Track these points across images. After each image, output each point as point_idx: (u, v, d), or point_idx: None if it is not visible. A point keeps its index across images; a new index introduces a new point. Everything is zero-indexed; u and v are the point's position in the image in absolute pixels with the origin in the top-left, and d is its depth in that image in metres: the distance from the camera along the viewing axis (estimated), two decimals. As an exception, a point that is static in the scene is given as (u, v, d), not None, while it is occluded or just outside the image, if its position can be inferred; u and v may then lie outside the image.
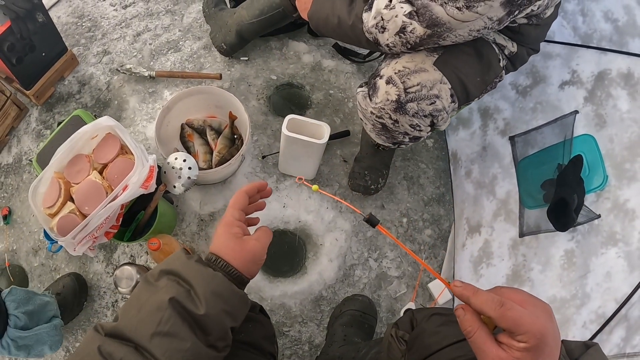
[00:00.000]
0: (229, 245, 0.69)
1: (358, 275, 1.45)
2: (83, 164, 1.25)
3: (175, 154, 1.27)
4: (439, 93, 1.06)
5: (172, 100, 1.43)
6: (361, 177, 1.47)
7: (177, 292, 0.62)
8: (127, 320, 0.61)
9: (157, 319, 0.59)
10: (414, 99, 1.06)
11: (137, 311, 0.61)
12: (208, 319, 0.61)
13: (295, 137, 1.30)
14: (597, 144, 1.17)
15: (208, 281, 0.64)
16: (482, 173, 1.47)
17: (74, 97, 1.64)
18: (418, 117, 1.09)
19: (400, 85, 1.06)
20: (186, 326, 0.60)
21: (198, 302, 0.62)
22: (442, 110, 1.09)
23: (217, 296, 0.63)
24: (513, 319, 0.50)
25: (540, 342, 0.49)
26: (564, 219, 1.15)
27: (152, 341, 0.58)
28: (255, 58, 1.70)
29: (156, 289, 0.63)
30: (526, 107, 1.41)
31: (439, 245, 1.52)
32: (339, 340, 1.32)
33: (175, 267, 0.65)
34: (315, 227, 1.47)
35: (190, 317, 0.61)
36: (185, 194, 1.47)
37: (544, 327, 0.50)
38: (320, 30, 1.21)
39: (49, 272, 1.45)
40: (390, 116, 1.12)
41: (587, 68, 1.27)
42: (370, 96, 1.13)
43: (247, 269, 0.69)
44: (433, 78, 1.05)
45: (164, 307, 0.60)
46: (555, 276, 1.17)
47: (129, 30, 1.75)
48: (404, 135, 1.18)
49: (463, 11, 0.88)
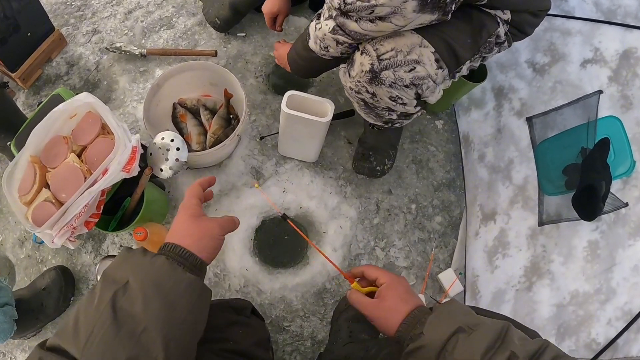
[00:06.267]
0: (183, 226, 0.62)
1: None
2: (60, 147, 1.06)
3: (162, 133, 1.08)
4: (419, 58, 0.87)
5: (162, 77, 1.23)
6: (365, 158, 1.27)
7: (114, 291, 0.51)
8: (65, 332, 0.51)
9: (89, 328, 0.49)
10: (388, 66, 0.87)
11: (74, 322, 0.51)
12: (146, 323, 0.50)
13: (296, 114, 1.10)
14: (624, 126, 1.01)
15: (146, 272, 0.53)
16: (497, 157, 1.26)
17: (62, 79, 1.44)
18: (397, 88, 0.91)
19: (373, 53, 0.88)
20: (123, 333, 0.49)
21: (135, 298, 0.51)
22: (426, 77, 0.90)
23: (158, 288, 0.52)
24: (375, 272, 0.73)
25: (392, 280, 0.71)
26: (590, 207, 0.96)
27: (83, 353, 0.48)
28: (253, 34, 1.49)
29: (93, 295, 0.53)
30: (544, 86, 1.22)
31: (449, 234, 1.32)
32: (345, 337, 1.13)
33: (114, 267, 0.55)
34: (318, 213, 1.27)
35: (123, 321, 0.50)
36: (178, 179, 1.28)
37: (391, 275, 0.72)
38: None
39: (35, 265, 1.26)
40: (366, 89, 0.94)
41: (611, 46, 1.10)
42: (349, 71, 0.96)
43: (201, 246, 0.60)
44: (410, 42, 0.86)
45: (99, 313, 0.50)
46: (577, 269, 1.01)
47: (120, 8, 1.54)
48: (388, 112, 1.00)
49: (377, 23, 0.80)
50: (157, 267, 0.54)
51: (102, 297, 0.51)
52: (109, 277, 0.54)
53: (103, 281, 0.54)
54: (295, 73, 1.14)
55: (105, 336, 0.48)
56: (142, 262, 0.55)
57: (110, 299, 0.50)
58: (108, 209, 1.13)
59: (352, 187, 1.32)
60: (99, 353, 0.47)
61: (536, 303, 1.08)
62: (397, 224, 1.30)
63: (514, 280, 1.13)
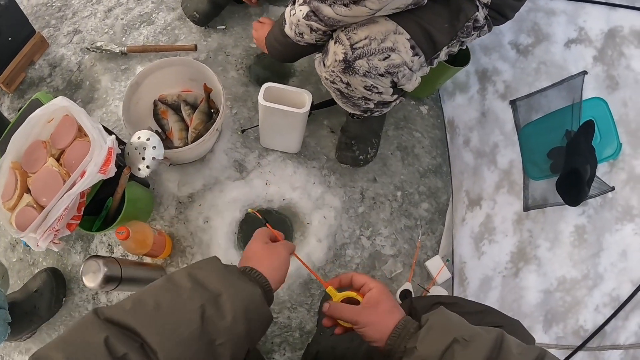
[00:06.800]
0: (260, 252, 0.69)
1: (350, 255, 1.24)
2: (40, 151, 1.06)
3: (139, 133, 1.07)
4: (394, 45, 0.84)
5: (141, 75, 1.22)
6: (348, 147, 1.25)
7: (205, 300, 0.55)
8: (142, 315, 0.52)
9: (176, 323, 0.52)
10: (362, 55, 0.85)
11: (154, 309, 0.53)
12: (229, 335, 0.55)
13: (274, 107, 1.08)
14: (609, 108, 0.98)
15: (244, 298, 0.58)
16: (482, 141, 1.23)
17: (45, 81, 1.43)
18: (372, 77, 0.88)
19: (346, 42, 0.85)
20: (204, 340, 0.53)
21: (225, 316, 0.55)
22: (402, 65, 0.87)
23: (247, 313, 0.57)
24: (362, 279, 0.69)
25: (383, 285, 0.68)
26: (575, 192, 0.93)
27: (163, 345, 0.49)
28: (233, 26, 1.46)
29: (179, 291, 0.55)
30: (528, 67, 1.18)
31: (436, 220, 1.29)
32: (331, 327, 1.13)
33: (206, 275, 0.58)
34: (302, 204, 1.26)
35: (209, 330, 0.53)
36: (162, 176, 1.28)
37: (377, 282, 0.68)
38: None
39: (27, 267, 1.28)
40: (341, 79, 0.92)
41: (596, 25, 1.06)
42: (324, 61, 0.94)
43: (274, 277, 0.66)
44: (385, 29, 0.83)
45: (188, 313, 0.53)
46: (564, 254, 0.99)
47: (100, 6, 1.52)
48: (365, 101, 0.98)
49: (351, 7, 0.78)
50: (253, 295, 0.59)
51: (193, 299, 0.54)
52: (199, 281, 0.57)
53: (192, 282, 0.56)
54: (273, 57, 1.11)
55: (189, 337, 0.51)
56: (240, 284, 0.59)
57: (201, 306, 0.54)
58: (92, 209, 1.13)
59: (336, 177, 1.30)
60: (179, 350, 0.50)
61: (523, 289, 1.06)
62: (382, 212, 1.28)
63: (500, 267, 1.11)
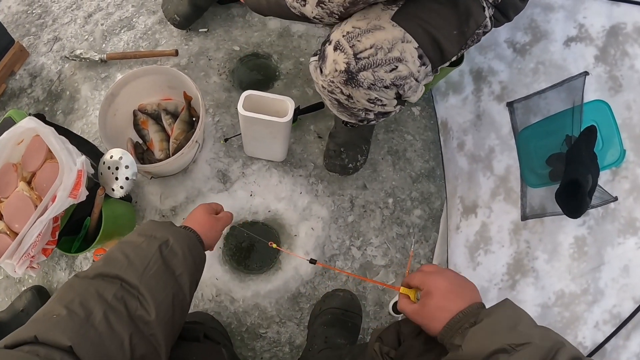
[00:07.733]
0: (201, 218, 0.81)
1: (340, 267, 1.19)
2: (11, 175, 1.02)
3: (111, 151, 1.02)
4: (402, 55, 0.74)
5: (116, 86, 1.16)
6: (337, 155, 1.18)
7: (160, 243, 0.66)
8: (116, 264, 0.62)
9: (145, 263, 0.62)
10: (367, 66, 0.75)
11: (124, 258, 0.63)
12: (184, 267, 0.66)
13: (254, 116, 1.02)
14: (612, 111, 0.90)
15: (184, 238, 0.70)
16: (477, 145, 1.15)
17: (25, 92, 1.39)
18: (376, 90, 0.78)
19: (349, 51, 0.75)
20: (169, 272, 0.64)
21: (177, 253, 0.67)
22: (409, 77, 0.77)
23: (190, 250, 0.69)
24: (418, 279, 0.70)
25: (434, 281, 0.67)
26: (575, 203, 0.85)
27: (141, 280, 0.60)
28: (215, 28, 1.38)
29: (137, 244, 0.66)
30: (525, 68, 1.09)
31: (430, 227, 1.22)
32: (320, 343, 1.08)
33: (151, 229, 0.70)
34: (288, 216, 1.20)
35: (170, 264, 0.65)
36: (144, 188, 1.23)
37: (434, 282, 0.66)
38: (257, 11, 1.00)
39: (14, 285, 1.25)
40: (341, 91, 0.81)
41: (597, 22, 0.97)
42: (321, 67, 0.83)
43: (210, 237, 0.79)
44: (392, 37, 0.74)
45: (151, 255, 0.64)
46: (563, 267, 0.92)
47: (80, 12, 1.46)
48: (365, 112, 0.87)
49: None
50: (191, 236, 0.73)
51: (150, 245, 0.65)
52: (149, 234, 0.68)
53: (144, 236, 0.67)
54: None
55: (158, 270, 0.62)
56: (179, 230, 0.72)
57: (158, 248, 0.65)
58: (71, 229, 1.09)
59: (323, 185, 1.23)
60: (153, 281, 0.61)
61: (520, 303, 0.98)
62: (373, 221, 1.21)
63: (496, 278, 1.04)
